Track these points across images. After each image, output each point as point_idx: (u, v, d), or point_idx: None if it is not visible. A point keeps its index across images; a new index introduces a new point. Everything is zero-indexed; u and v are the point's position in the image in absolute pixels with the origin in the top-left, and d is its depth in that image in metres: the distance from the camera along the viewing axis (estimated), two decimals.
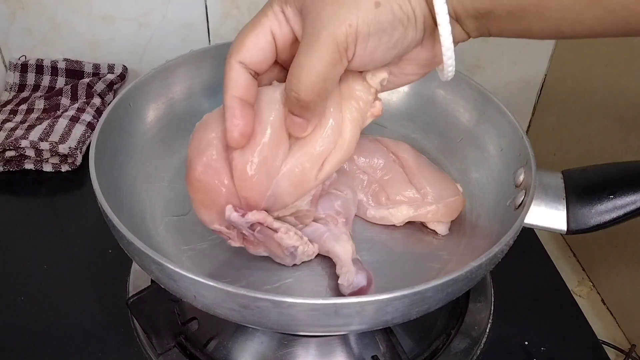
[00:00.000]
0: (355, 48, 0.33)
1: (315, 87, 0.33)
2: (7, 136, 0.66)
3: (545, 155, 0.75)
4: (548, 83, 0.78)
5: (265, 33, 0.35)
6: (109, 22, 0.73)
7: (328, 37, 0.32)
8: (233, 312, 0.36)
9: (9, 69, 0.76)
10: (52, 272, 0.55)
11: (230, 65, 0.36)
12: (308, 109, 0.35)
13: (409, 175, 0.50)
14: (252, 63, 0.36)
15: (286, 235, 0.41)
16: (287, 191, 0.39)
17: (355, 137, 0.39)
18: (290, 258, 0.43)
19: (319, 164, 0.39)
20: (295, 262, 0.44)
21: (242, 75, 0.36)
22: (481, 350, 0.50)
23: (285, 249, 0.42)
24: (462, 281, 0.37)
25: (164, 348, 0.46)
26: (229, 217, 0.39)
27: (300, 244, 0.42)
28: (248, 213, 0.39)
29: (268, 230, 0.40)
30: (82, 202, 0.63)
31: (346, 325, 0.36)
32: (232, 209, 0.39)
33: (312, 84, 0.33)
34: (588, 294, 0.64)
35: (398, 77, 0.40)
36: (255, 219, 0.39)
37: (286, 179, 0.38)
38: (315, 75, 0.33)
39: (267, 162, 0.38)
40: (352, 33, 0.32)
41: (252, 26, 0.36)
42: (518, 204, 0.44)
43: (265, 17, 0.35)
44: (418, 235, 0.49)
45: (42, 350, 0.48)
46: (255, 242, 0.42)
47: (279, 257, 0.44)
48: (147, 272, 0.40)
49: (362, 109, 0.40)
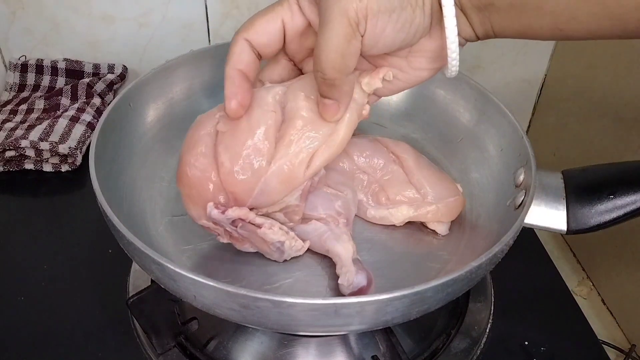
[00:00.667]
0: (366, 24, 0.34)
1: (335, 63, 0.35)
2: (7, 136, 0.66)
3: (545, 155, 0.75)
4: (548, 83, 0.78)
5: (275, 20, 0.37)
6: (109, 22, 0.73)
7: (339, 12, 0.33)
8: (233, 312, 0.36)
9: (9, 69, 0.76)
10: (52, 272, 0.55)
11: (236, 40, 0.37)
12: (334, 87, 0.36)
13: (408, 175, 0.50)
14: (258, 44, 0.37)
15: (270, 231, 0.41)
16: (275, 188, 0.40)
17: (347, 136, 0.40)
18: (278, 253, 0.43)
19: (307, 161, 0.39)
20: (284, 257, 0.44)
21: (246, 51, 0.37)
22: (481, 350, 0.50)
23: (270, 244, 0.42)
24: (462, 281, 0.37)
25: (164, 348, 0.46)
26: (209, 214, 0.39)
27: (286, 238, 0.42)
28: (228, 210, 0.39)
29: (250, 226, 0.41)
30: (82, 202, 0.63)
31: (346, 325, 0.36)
32: (213, 206, 0.39)
33: (332, 60, 0.34)
34: (588, 294, 0.64)
35: (407, 73, 0.40)
36: (236, 215, 0.39)
37: (275, 176, 0.39)
38: (333, 52, 0.34)
39: (253, 158, 0.39)
40: (363, 8, 0.33)
41: (265, 12, 0.38)
42: (518, 204, 0.44)
43: (279, 6, 0.38)
44: (418, 235, 0.49)
45: (42, 350, 0.48)
46: (240, 238, 0.43)
47: (267, 252, 0.44)
48: (147, 272, 0.40)
49: (358, 110, 0.41)
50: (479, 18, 0.36)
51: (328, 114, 0.38)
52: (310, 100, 0.39)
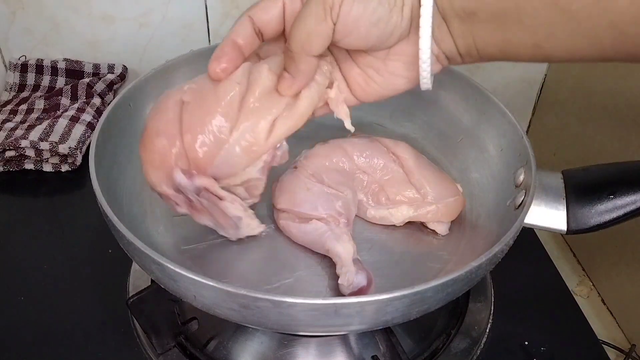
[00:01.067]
0: (340, 9, 0.35)
1: (300, 39, 0.37)
2: (7, 136, 0.66)
3: (545, 155, 0.75)
4: (548, 83, 0.78)
5: (277, 1, 0.39)
6: (109, 22, 0.73)
7: None
8: (233, 312, 0.36)
9: (9, 69, 0.76)
10: (52, 272, 0.55)
11: (241, 16, 0.39)
12: (293, 63, 0.38)
13: (408, 175, 0.50)
14: (259, 20, 0.39)
15: (232, 205, 0.42)
16: (238, 156, 0.41)
17: (307, 111, 0.42)
18: (233, 229, 0.44)
19: (267, 129, 0.41)
20: (239, 235, 0.45)
21: (247, 27, 0.39)
22: (481, 350, 0.50)
23: (229, 218, 0.43)
24: (462, 281, 0.37)
25: (164, 348, 0.46)
26: (176, 179, 0.40)
27: (244, 215, 0.43)
28: (196, 177, 0.40)
29: (213, 197, 0.41)
30: (82, 202, 0.63)
31: (346, 325, 0.36)
32: (180, 172, 0.40)
33: (298, 36, 0.37)
34: (588, 294, 0.64)
35: (383, 77, 0.41)
36: (202, 183, 0.40)
37: (237, 144, 0.40)
38: (301, 27, 0.36)
39: (215, 126, 0.40)
40: None
41: None
42: (518, 204, 0.44)
43: None
44: (418, 235, 0.49)
45: (42, 350, 0.48)
46: (200, 208, 0.43)
47: (223, 228, 0.44)
48: (147, 272, 0.40)
49: (319, 90, 0.42)
50: (461, 29, 0.37)
51: (281, 86, 0.40)
52: (272, 73, 0.41)
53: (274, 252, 0.47)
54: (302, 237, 0.46)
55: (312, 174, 0.49)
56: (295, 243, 0.47)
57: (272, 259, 0.46)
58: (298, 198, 0.47)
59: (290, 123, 0.41)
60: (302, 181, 0.48)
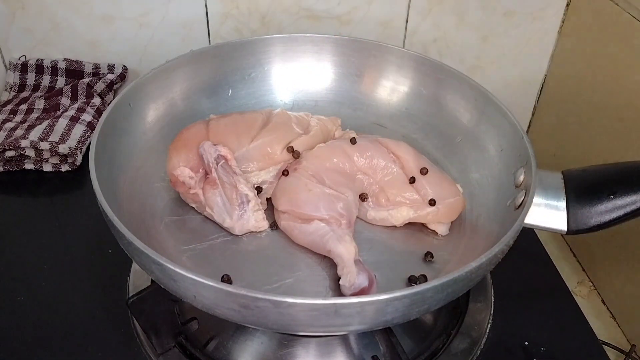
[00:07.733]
0: None
1: None
2: (7, 136, 0.66)
3: (545, 155, 0.75)
4: (548, 83, 0.78)
5: None
6: (109, 22, 0.73)
7: None
8: (233, 312, 0.36)
9: (9, 69, 0.76)
10: (52, 272, 0.55)
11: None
12: None
13: (409, 175, 0.50)
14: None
15: (244, 182, 0.48)
16: (255, 158, 0.51)
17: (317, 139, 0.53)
18: (239, 211, 0.46)
19: (284, 144, 0.51)
20: (242, 228, 0.47)
21: None
22: (481, 350, 0.50)
23: (239, 194, 0.47)
24: (462, 281, 0.37)
25: (164, 348, 0.46)
26: (204, 145, 0.48)
27: (253, 197, 0.47)
28: (220, 145, 0.49)
29: (230, 169, 0.48)
30: (82, 202, 0.63)
31: (346, 325, 0.36)
32: (208, 141, 0.49)
33: None
34: (588, 294, 0.64)
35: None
36: (224, 152, 0.49)
37: (257, 150, 0.50)
38: None
39: (242, 131, 0.51)
40: None
41: None
42: (518, 204, 0.44)
43: None
44: (418, 235, 0.49)
45: (42, 350, 0.48)
46: (214, 183, 0.47)
47: (229, 214, 0.47)
48: (147, 272, 0.40)
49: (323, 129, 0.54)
50: None
51: None
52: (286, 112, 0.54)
53: (274, 252, 0.47)
54: (304, 238, 0.46)
55: (313, 175, 0.49)
56: (295, 243, 0.47)
57: (272, 259, 0.46)
58: (299, 199, 0.47)
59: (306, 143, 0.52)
60: (303, 182, 0.48)
